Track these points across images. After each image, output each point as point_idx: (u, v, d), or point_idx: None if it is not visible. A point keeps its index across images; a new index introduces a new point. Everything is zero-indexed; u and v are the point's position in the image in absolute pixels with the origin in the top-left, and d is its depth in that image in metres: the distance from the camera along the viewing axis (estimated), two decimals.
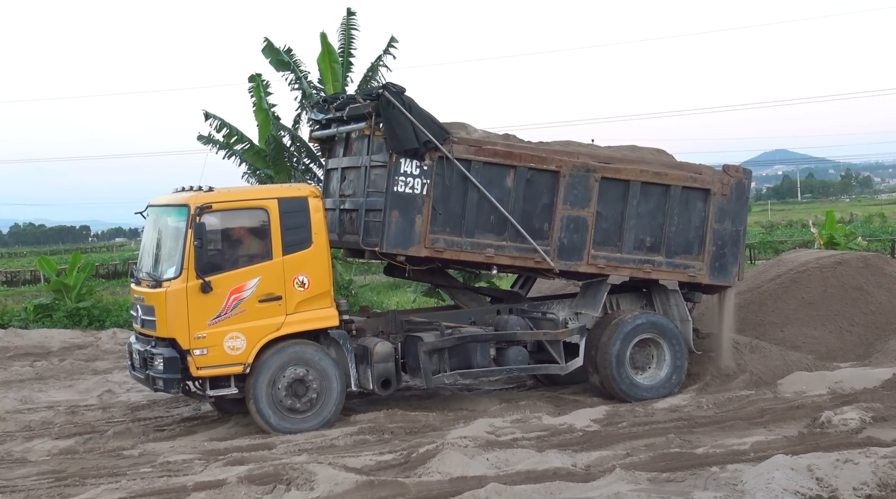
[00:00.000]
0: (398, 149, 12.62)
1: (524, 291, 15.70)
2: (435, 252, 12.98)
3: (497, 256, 13.22)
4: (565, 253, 13.45)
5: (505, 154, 13.13)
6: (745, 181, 14.29)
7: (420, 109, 12.73)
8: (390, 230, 12.69)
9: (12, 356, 20.32)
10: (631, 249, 13.73)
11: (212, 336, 12.14)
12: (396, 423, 12.44)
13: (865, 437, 10.50)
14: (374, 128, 12.87)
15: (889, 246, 35.85)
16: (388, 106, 12.65)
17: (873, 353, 15.19)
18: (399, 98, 12.68)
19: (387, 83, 13.08)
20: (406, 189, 12.69)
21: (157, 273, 12.61)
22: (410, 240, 12.79)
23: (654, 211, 13.81)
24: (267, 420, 12.35)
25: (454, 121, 13.20)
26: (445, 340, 13.05)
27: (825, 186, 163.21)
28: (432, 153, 12.76)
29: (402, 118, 12.59)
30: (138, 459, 11.41)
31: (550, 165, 13.30)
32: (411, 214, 12.74)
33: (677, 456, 10.12)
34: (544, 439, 11.31)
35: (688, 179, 13.93)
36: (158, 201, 13.26)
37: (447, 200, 12.92)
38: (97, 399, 15.51)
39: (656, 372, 13.84)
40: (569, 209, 13.38)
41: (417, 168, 12.71)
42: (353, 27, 23.98)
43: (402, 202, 12.70)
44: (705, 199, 13.99)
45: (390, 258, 13.15)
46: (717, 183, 14.02)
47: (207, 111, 23.62)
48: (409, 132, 12.57)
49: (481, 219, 13.11)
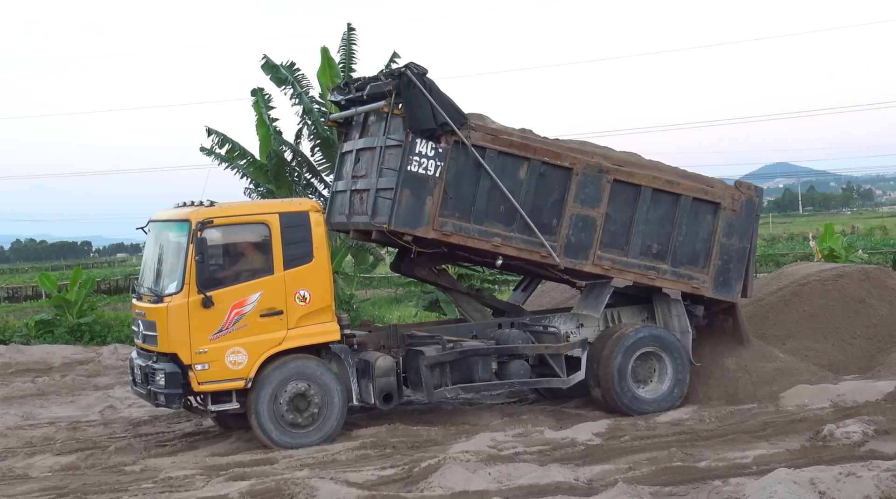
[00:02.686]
0: (415, 128, 12.65)
1: (526, 294, 15.73)
2: (442, 235, 12.98)
3: (503, 246, 13.23)
4: (572, 251, 13.47)
5: (520, 145, 13.18)
6: (756, 199, 14.30)
7: (440, 92, 12.79)
8: (400, 208, 12.70)
9: (14, 372, 20.31)
10: (637, 255, 13.74)
11: (213, 351, 12.15)
12: (398, 437, 12.43)
13: (868, 450, 10.48)
14: (392, 106, 12.89)
15: (891, 259, 35.81)
16: (409, 85, 12.69)
17: (875, 366, 15.16)
18: (421, 79, 12.74)
19: (410, 63, 13.00)
20: (419, 169, 12.71)
21: (159, 288, 12.62)
22: (419, 220, 12.79)
23: (663, 219, 13.83)
24: (269, 435, 12.34)
25: (473, 112, 13.24)
26: (447, 354, 13.04)
27: (826, 199, 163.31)
28: (448, 137, 12.80)
29: (422, 98, 12.65)
30: (140, 474, 11.40)
31: (564, 162, 13.34)
32: (422, 195, 12.76)
33: (680, 470, 10.10)
34: (546, 453, 11.29)
35: (699, 190, 13.96)
36: (160, 217, 13.28)
37: (459, 184, 12.95)
38: (99, 415, 15.51)
39: (658, 385, 13.82)
40: (579, 208, 13.41)
41: (433, 150, 12.74)
42: (353, 42, 24.06)
43: (414, 182, 12.72)
44: (715, 212, 14.00)
45: (397, 237, 13.09)
46: (728, 198, 14.03)
47: (210, 127, 23.68)
48: (427, 112, 12.63)
49: (491, 207, 13.13)
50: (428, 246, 13.41)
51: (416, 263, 14.46)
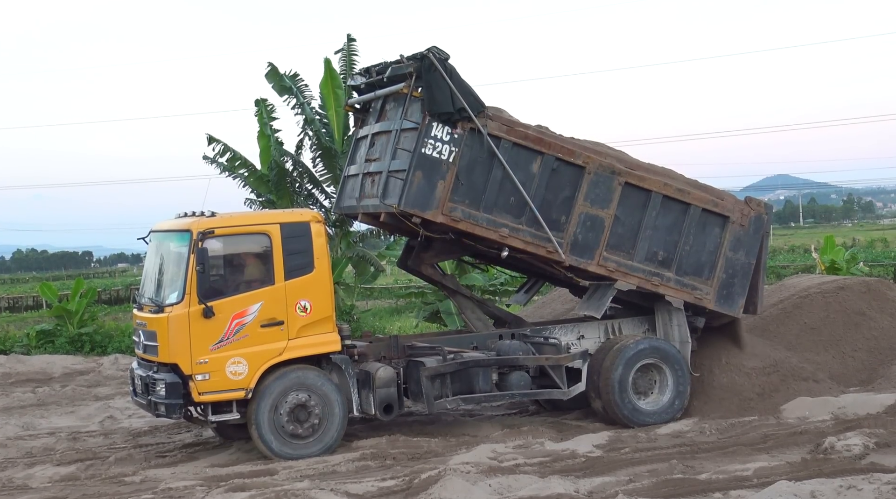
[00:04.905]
0: (433, 111, 12.70)
1: (529, 295, 15.74)
2: (451, 220, 13.00)
3: (510, 237, 13.25)
4: (578, 249, 13.48)
5: (535, 139, 13.23)
6: (765, 217, 14.31)
7: (460, 79, 12.85)
8: (411, 189, 12.74)
9: (14, 382, 20.31)
10: (643, 259, 13.75)
11: (214, 361, 12.15)
12: (398, 449, 12.41)
13: (869, 463, 10.46)
14: (412, 89, 12.94)
15: (891, 271, 35.79)
16: (430, 68, 12.75)
17: (876, 378, 15.15)
18: (443, 64, 12.80)
19: (432, 47, 13.03)
20: (433, 153, 12.75)
21: (160, 298, 12.63)
22: (429, 203, 12.82)
23: (671, 226, 13.84)
24: (269, 446, 12.33)
25: (491, 106, 13.27)
26: (448, 365, 13.03)
27: (827, 211, 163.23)
28: (465, 123, 12.84)
29: (442, 83, 12.70)
30: (140, 485, 11.38)
31: (577, 160, 13.37)
32: (434, 178, 12.79)
33: (680, 482, 10.09)
34: (547, 464, 11.27)
35: (709, 202, 13.97)
36: (161, 227, 13.29)
37: (472, 172, 12.99)
38: (99, 425, 15.49)
39: (659, 397, 13.81)
40: (588, 207, 13.44)
41: (448, 135, 12.79)
42: (353, 53, 24.12)
43: (427, 164, 12.76)
44: (723, 225, 14.01)
45: (406, 219, 13.10)
46: (738, 212, 14.05)
47: (211, 135, 23.71)
48: (446, 97, 12.69)
49: (501, 198, 13.16)
50: (435, 231, 13.42)
51: (422, 259, 14.50)
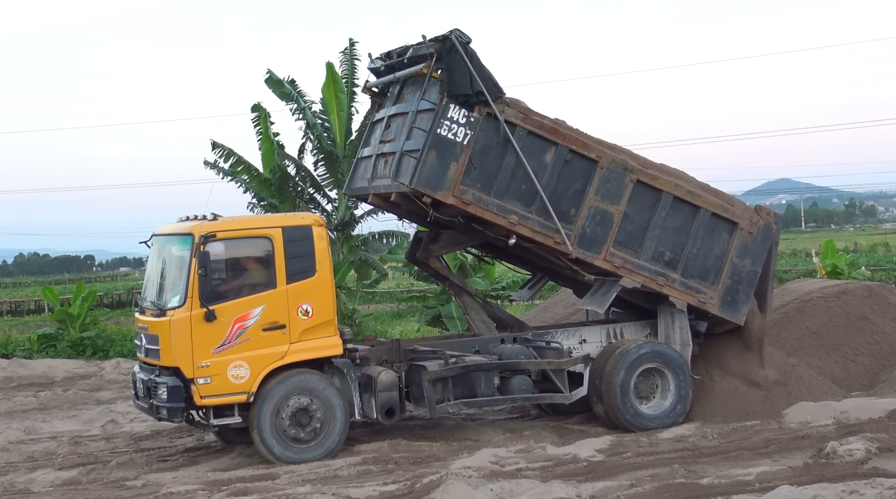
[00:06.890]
0: (452, 92, 12.74)
1: (532, 291, 15.74)
2: (461, 203, 13.01)
3: (519, 225, 13.25)
4: (585, 242, 13.49)
5: (550, 129, 13.25)
6: (774, 226, 14.32)
7: (481, 63, 12.87)
8: (424, 168, 12.75)
9: (16, 386, 20.32)
10: (649, 258, 13.75)
11: (215, 365, 12.15)
12: (400, 453, 12.41)
13: (871, 468, 10.45)
14: (432, 69, 12.97)
15: (893, 276, 35.76)
16: (451, 50, 12.79)
17: (878, 383, 15.15)
18: (464, 46, 12.84)
19: (454, 29, 13.05)
20: (448, 134, 12.78)
21: (162, 302, 12.63)
22: (441, 183, 12.83)
23: (679, 228, 13.84)
24: (271, 450, 12.32)
25: (510, 96, 13.29)
26: (449, 369, 13.03)
27: (829, 216, 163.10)
28: (482, 107, 12.86)
29: (462, 65, 12.74)
30: (141, 489, 11.37)
31: (591, 153, 13.40)
32: (447, 160, 12.81)
33: (682, 487, 10.08)
34: (548, 469, 11.27)
35: (719, 206, 13.98)
36: (163, 231, 13.30)
37: (485, 156, 13.01)
38: (101, 429, 15.48)
39: (661, 402, 13.79)
40: (598, 201, 13.45)
41: (464, 117, 12.81)
42: (355, 57, 24.15)
43: (441, 145, 12.78)
44: (731, 231, 14.00)
45: (417, 197, 13.06)
46: (747, 219, 14.04)
47: (215, 141, 23.78)
48: (465, 79, 12.73)
49: (513, 185, 13.18)
50: (445, 215, 13.42)
51: (430, 250, 14.52)
